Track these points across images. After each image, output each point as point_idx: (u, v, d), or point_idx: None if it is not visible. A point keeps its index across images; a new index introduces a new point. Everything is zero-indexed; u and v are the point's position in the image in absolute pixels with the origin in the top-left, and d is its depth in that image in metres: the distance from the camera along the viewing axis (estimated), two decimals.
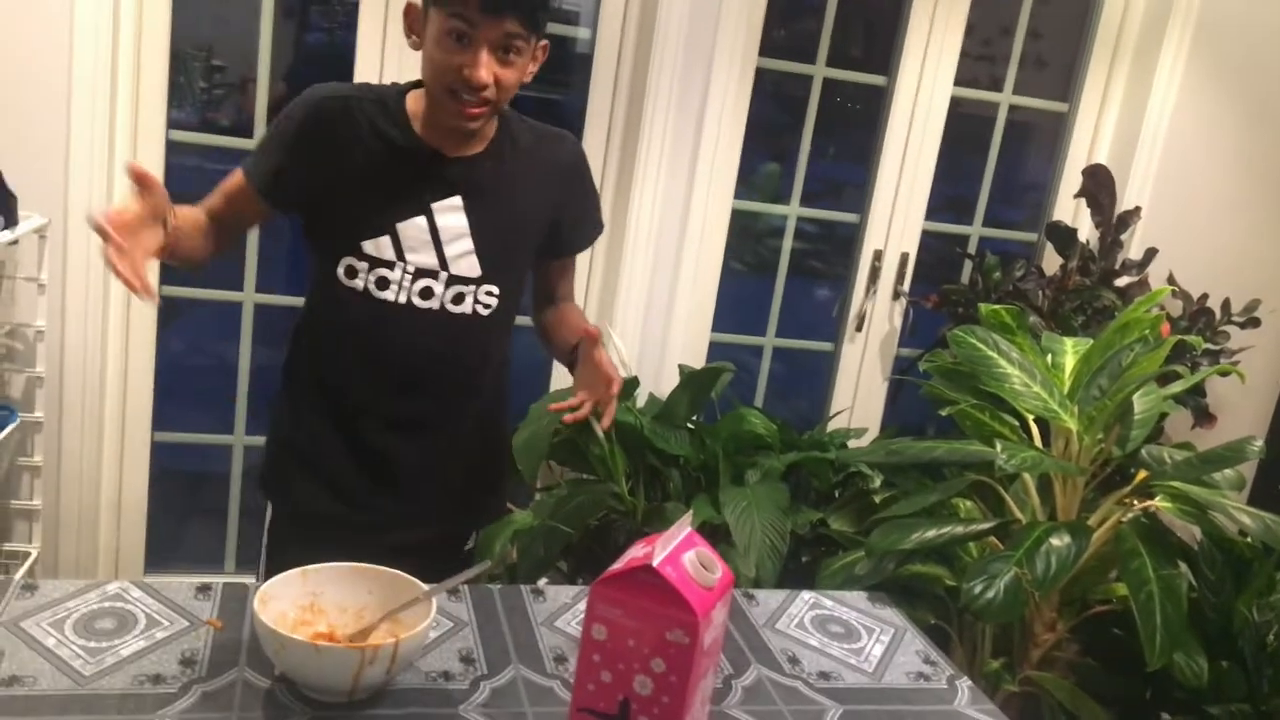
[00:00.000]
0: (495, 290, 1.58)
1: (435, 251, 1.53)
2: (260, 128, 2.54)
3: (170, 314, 2.66)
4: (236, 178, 1.57)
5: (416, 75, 1.50)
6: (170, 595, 1.27)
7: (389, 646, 1.08)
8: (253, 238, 2.57)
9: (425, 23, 1.44)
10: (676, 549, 1.02)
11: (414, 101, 1.53)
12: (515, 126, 1.58)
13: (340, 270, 1.54)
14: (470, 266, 1.56)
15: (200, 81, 3.03)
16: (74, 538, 2.47)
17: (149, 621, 1.21)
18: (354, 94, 1.54)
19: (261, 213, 1.60)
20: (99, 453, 2.46)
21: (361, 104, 1.52)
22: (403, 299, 1.54)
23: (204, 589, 1.29)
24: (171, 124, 2.47)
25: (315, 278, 1.61)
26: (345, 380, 1.61)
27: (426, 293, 1.54)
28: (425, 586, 1.19)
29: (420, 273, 1.54)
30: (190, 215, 1.47)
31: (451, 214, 1.54)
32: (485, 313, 1.59)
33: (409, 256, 1.53)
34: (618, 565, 1.01)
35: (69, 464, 2.42)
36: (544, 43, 1.48)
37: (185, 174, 2.78)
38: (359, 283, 1.54)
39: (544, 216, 1.63)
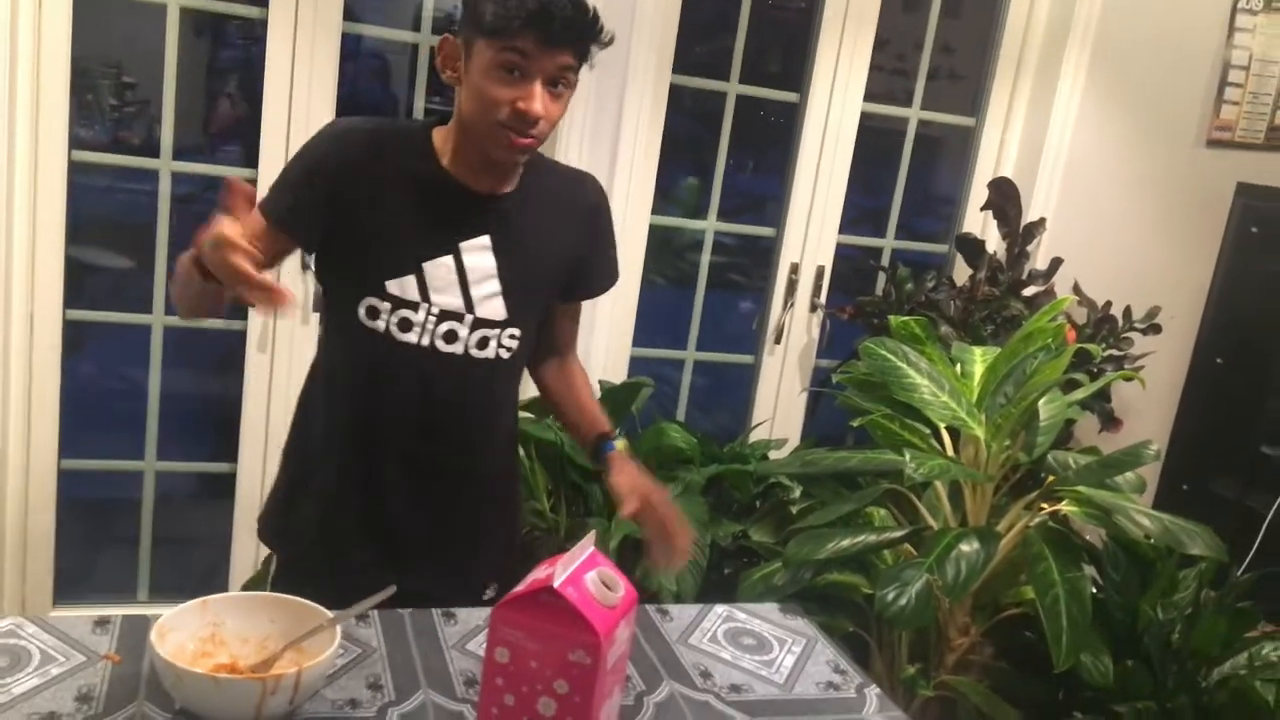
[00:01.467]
0: (518, 334, 1.54)
1: (462, 293, 1.48)
2: (165, 148, 2.48)
3: (77, 338, 2.59)
4: (254, 217, 1.44)
5: (324, 90, 1.47)
6: (66, 630, 1.24)
7: (291, 676, 1.07)
8: (161, 257, 2.51)
9: (468, 56, 1.38)
10: (579, 569, 1.03)
11: (441, 137, 1.48)
12: (541, 165, 1.55)
13: (361, 311, 1.48)
14: (496, 309, 1.51)
15: (110, 99, 2.97)
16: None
17: (43, 658, 1.18)
18: (380, 126, 1.52)
19: (280, 250, 1.49)
20: (2, 481, 2.39)
21: (388, 136, 1.49)
22: (425, 342, 1.49)
23: (102, 622, 1.26)
24: (82, 144, 2.42)
25: (332, 320, 1.55)
26: (360, 426, 1.54)
27: (450, 336, 1.49)
28: (329, 614, 1.18)
29: (445, 315, 1.48)
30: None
31: (479, 254, 1.49)
32: (507, 357, 1.55)
33: (434, 298, 1.47)
34: (520, 587, 1.01)
35: None
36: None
37: (95, 195, 2.73)
38: (380, 324, 1.48)
39: (568, 258, 1.58)
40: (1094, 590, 2.05)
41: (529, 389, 1.72)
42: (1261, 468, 2.72)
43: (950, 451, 2.18)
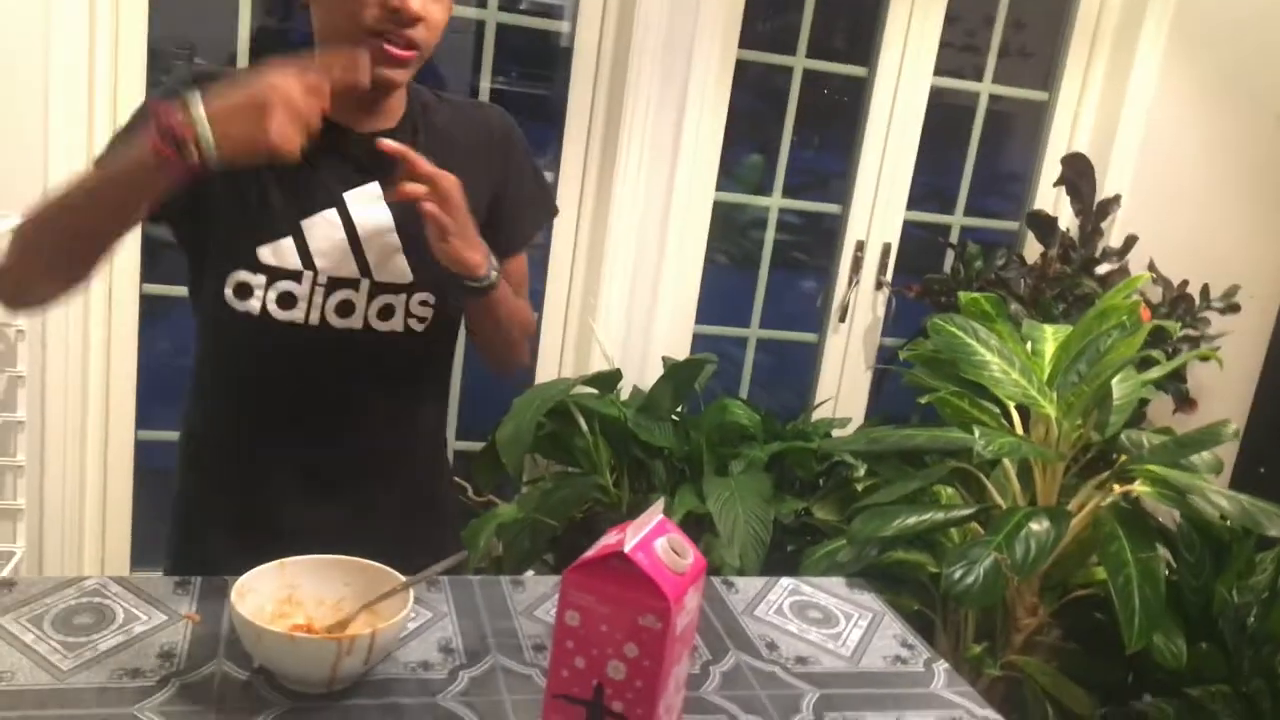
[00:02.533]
0: (430, 299, 1.30)
1: (354, 254, 1.24)
2: None
3: (154, 312, 2.65)
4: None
5: None
6: (149, 590, 1.27)
7: (366, 637, 1.09)
8: None
9: None
10: (648, 535, 1.03)
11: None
12: (425, 97, 1.33)
13: (229, 290, 1.23)
14: (399, 271, 1.27)
15: None
16: (59, 537, 2.47)
17: (127, 616, 1.22)
18: (230, 69, 1.29)
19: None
20: (82, 452, 2.46)
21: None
22: (314, 318, 1.25)
23: (183, 584, 1.29)
24: None
25: (197, 305, 1.31)
26: (244, 437, 1.32)
27: (345, 308, 1.26)
28: (403, 578, 1.20)
29: (335, 283, 1.24)
30: None
31: (370, 205, 1.25)
32: (420, 329, 1.32)
33: (320, 263, 1.23)
34: (590, 552, 1.02)
35: (52, 463, 2.42)
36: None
37: None
38: (254, 303, 1.23)
39: (482, 197, 1.32)
40: (1167, 572, 2.00)
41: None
42: None
43: (1020, 430, 2.15)
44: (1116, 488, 2.04)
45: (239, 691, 1.11)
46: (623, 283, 2.69)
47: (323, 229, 1.24)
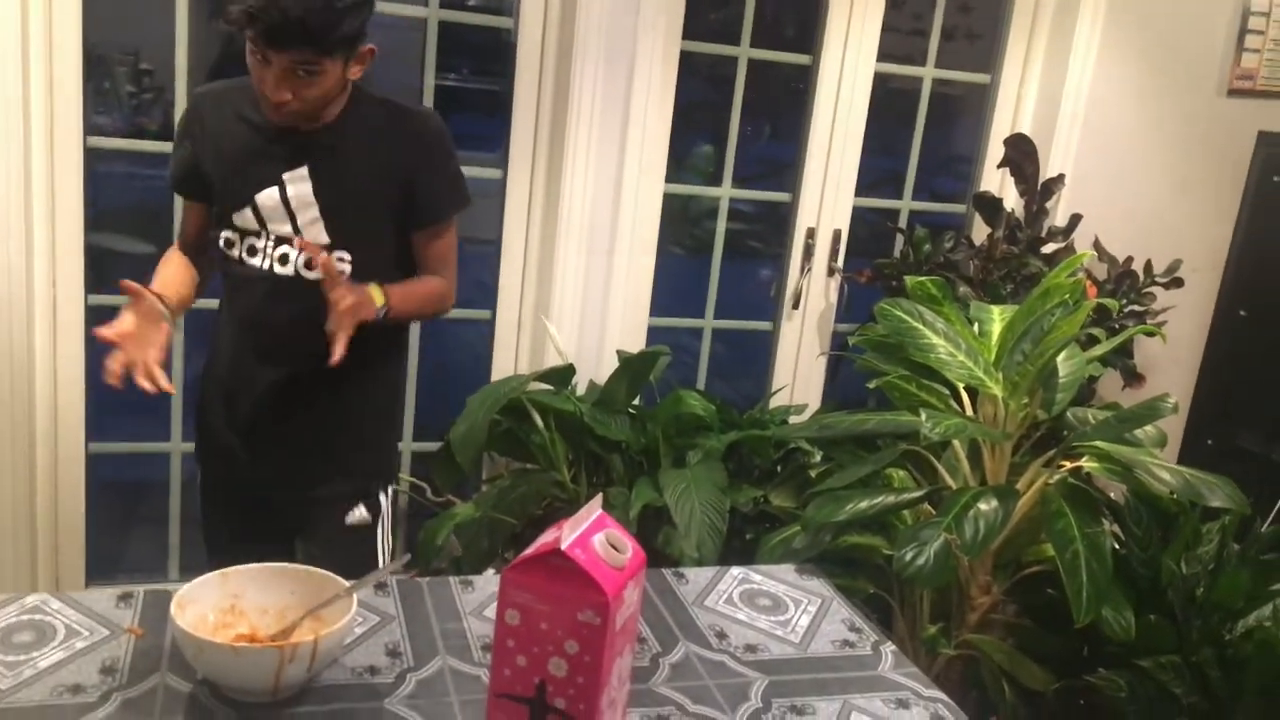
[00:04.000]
0: (347, 257, 1.66)
1: (289, 219, 1.65)
2: None
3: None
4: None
5: None
6: (90, 605, 1.27)
7: (308, 644, 1.09)
8: None
9: None
10: (586, 531, 1.04)
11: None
12: (367, 103, 1.67)
13: (221, 241, 1.70)
14: (319, 233, 1.65)
15: (127, 86, 2.99)
16: (11, 555, 2.44)
17: (68, 632, 1.21)
18: (226, 87, 1.70)
19: (203, 216, 1.75)
20: (31, 466, 2.43)
21: (229, 94, 1.68)
22: (266, 265, 1.67)
23: (125, 597, 1.29)
24: (100, 131, 2.43)
25: (213, 248, 1.74)
26: (224, 348, 1.76)
27: (284, 259, 1.66)
28: (346, 583, 1.20)
29: (280, 240, 1.66)
30: (177, 279, 1.71)
31: (300, 183, 1.64)
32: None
33: (270, 226, 1.66)
34: (528, 550, 1.02)
35: (2, 483, 2.39)
36: (367, 48, 1.58)
37: (115, 181, 2.74)
38: (235, 252, 1.68)
39: (393, 181, 1.68)
40: (1116, 546, 2.04)
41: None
42: None
43: (969, 411, 2.17)
44: (1064, 464, 2.07)
45: (183, 704, 1.11)
46: (575, 277, 2.69)
47: (268, 201, 1.65)
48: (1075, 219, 2.86)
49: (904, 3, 2.98)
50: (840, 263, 3.01)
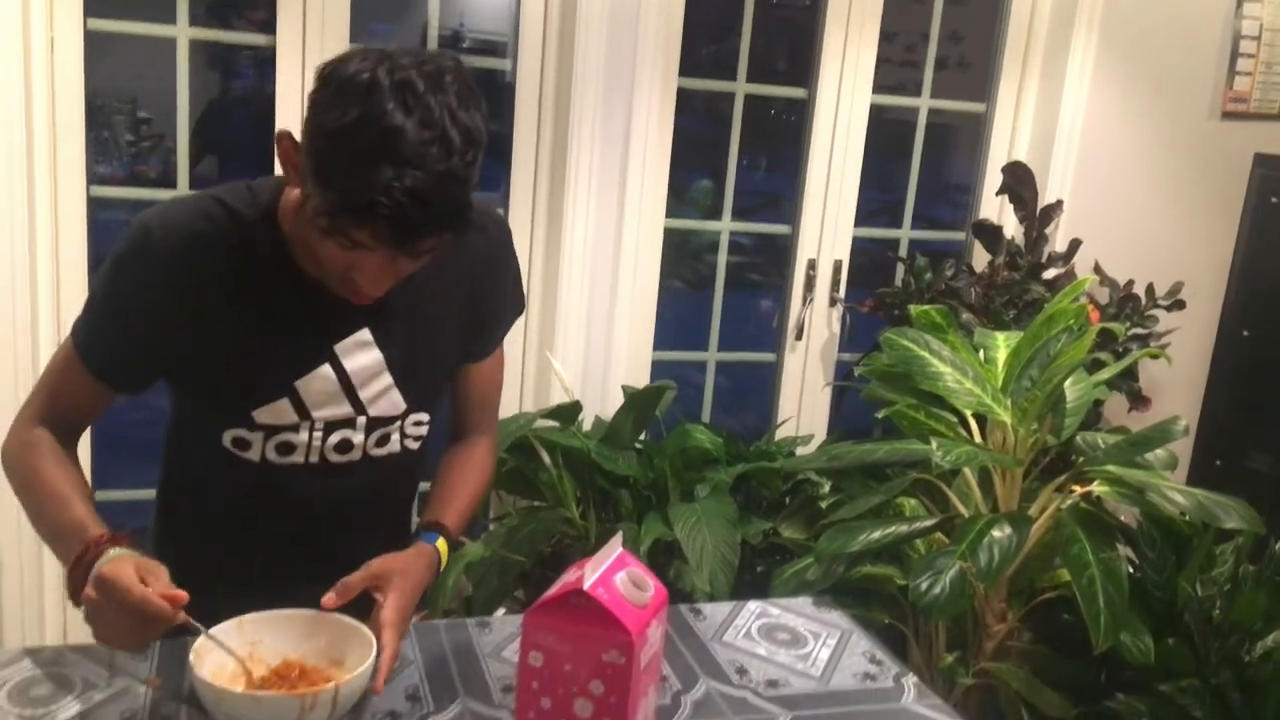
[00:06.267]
0: (425, 419, 1.36)
1: (349, 398, 1.27)
2: (182, 181, 2.51)
3: None
4: (67, 361, 1.23)
5: None
6: (107, 656, 1.25)
7: (329, 691, 1.08)
8: None
9: (305, 183, 1.08)
10: (608, 570, 1.03)
11: (288, 215, 1.18)
12: None
13: (227, 441, 1.26)
14: (393, 404, 1.30)
15: (126, 135, 3.01)
16: (18, 607, 2.42)
17: (85, 685, 1.20)
18: (202, 222, 1.18)
19: (109, 399, 1.28)
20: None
21: (217, 233, 1.18)
22: (314, 459, 1.28)
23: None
24: (101, 180, 2.44)
25: (184, 436, 1.34)
26: (238, 545, 1.35)
27: (344, 446, 1.29)
28: (365, 629, 1.19)
29: (333, 425, 1.27)
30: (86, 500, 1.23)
31: (360, 351, 1.26)
32: (415, 446, 1.37)
33: (316, 413, 1.26)
34: (550, 591, 1.02)
35: (6, 531, 2.37)
36: None
37: (117, 230, 2.75)
38: (253, 454, 1.26)
39: (464, 315, 1.35)
40: (1130, 570, 2.03)
41: None
42: None
43: (978, 438, 2.17)
44: (1075, 489, 2.06)
45: None
46: (578, 314, 2.70)
47: (317, 384, 1.25)
48: (1075, 244, 2.87)
49: (897, 35, 3.01)
50: (842, 293, 3.02)
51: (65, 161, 2.36)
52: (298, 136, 1.09)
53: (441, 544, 1.31)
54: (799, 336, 3.02)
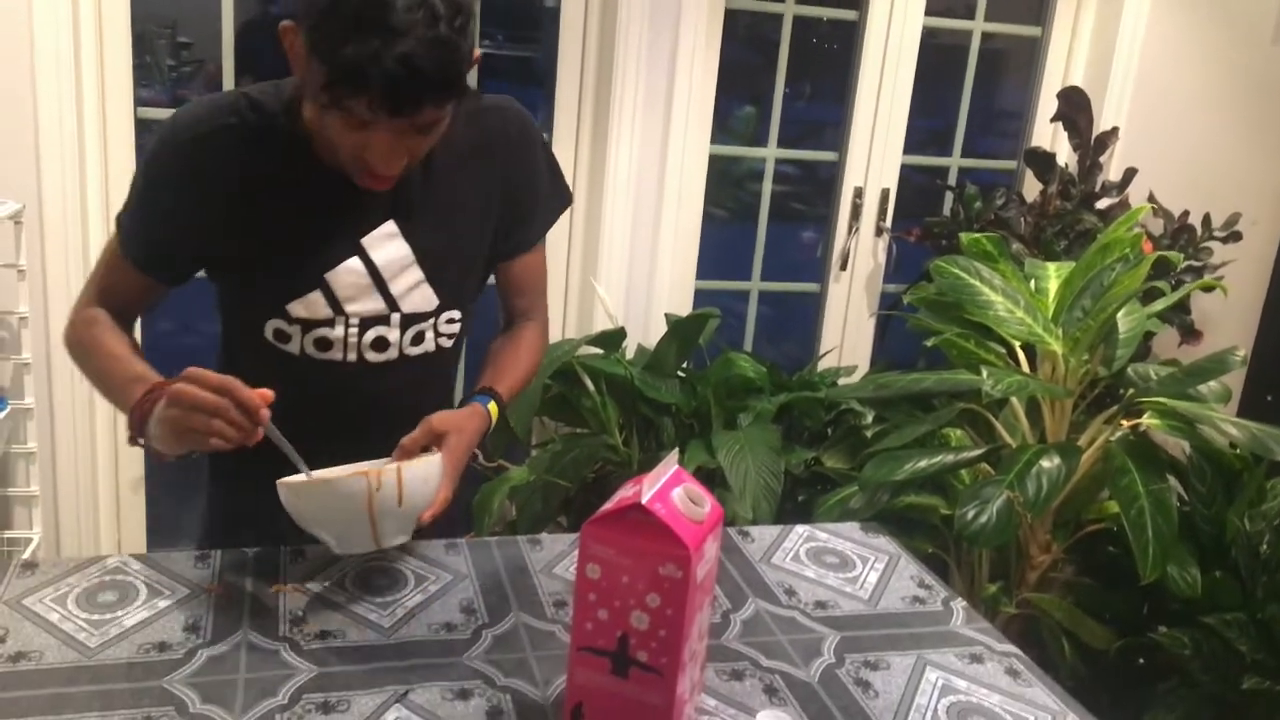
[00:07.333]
0: (457, 315, 1.37)
1: (381, 293, 1.29)
2: None
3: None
4: (112, 251, 1.30)
5: None
6: (169, 566, 1.28)
7: (393, 470, 1.11)
8: None
9: (307, 65, 1.10)
10: (664, 486, 1.03)
11: (312, 109, 1.16)
12: None
13: (269, 333, 1.29)
14: (425, 299, 1.32)
15: (167, 59, 3.00)
16: (75, 521, 2.48)
17: (150, 592, 1.22)
18: (230, 120, 1.22)
19: (155, 289, 1.33)
20: (93, 436, 2.47)
21: (235, 133, 1.21)
22: (352, 357, 1.31)
23: (203, 557, 1.30)
24: (141, 103, 2.45)
25: (235, 335, 1.37)
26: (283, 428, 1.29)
27: (380, 344, 1.32)
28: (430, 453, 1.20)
29: (368, 322, 1.30)
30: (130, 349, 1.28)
31: (388, 244, 1.28)
32: (449, 345, 1.39)
33: (349, 308, 1.28)
34: (608, 505, 1.02)
35: (64, 448, 2.42)
36: (476, 55, 1.18)
37: None
38: (293, 347, 1.30)
39: (494, 207, 1.36)
40: (1179, 503, 2.01)
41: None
42: None
43: (1027, 369, 2.15)
44: (1125, 422, 2.04)
45: (266, 660, 1.12)
46: (622, 241, 2.68)
47: (347, 277, 1.27)
48: (1130, 173, 2.81)
49: None
50: (888, 222, 2.98)
51: (112, 85, 2.36)
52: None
53: (493, 407, 1.33)
54: (844, 266, 2.98)
